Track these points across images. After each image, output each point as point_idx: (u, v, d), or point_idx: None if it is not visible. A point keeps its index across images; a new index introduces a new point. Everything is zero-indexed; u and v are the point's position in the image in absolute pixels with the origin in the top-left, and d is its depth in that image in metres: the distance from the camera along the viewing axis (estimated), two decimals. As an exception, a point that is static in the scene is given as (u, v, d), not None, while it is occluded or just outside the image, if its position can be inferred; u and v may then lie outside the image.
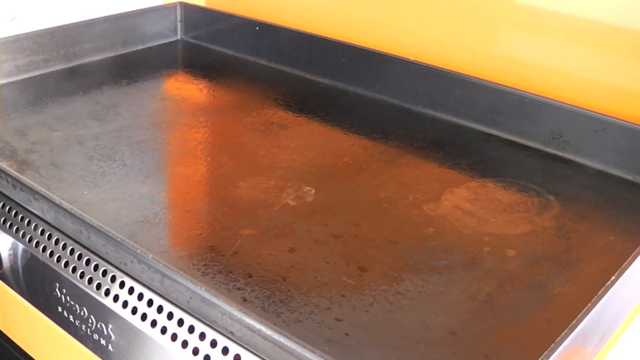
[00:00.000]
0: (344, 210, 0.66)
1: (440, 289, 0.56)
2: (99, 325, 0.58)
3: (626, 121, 0.73)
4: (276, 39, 1.00)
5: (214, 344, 0.50)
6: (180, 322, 0.52)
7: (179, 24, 1.10)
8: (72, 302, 0.60)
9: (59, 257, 0.61)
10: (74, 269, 0.59)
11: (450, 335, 0.51)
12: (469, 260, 0.60)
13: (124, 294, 0.56)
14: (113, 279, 0.57)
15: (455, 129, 0.83)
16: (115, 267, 0.57)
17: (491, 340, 0.51)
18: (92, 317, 0.58)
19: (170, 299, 0.53)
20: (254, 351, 0.48)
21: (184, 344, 0.52)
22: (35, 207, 0.63)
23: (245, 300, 0.52)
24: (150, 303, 0.54)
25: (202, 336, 0.51)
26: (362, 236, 0.62)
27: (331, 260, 0.58)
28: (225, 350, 0.50)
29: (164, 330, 0.53)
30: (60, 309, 0.61)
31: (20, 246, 0.64)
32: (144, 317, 0.54)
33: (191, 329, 0.52)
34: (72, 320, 0.60)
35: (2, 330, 0.72)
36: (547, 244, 0.63)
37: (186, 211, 0.67)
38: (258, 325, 0.47)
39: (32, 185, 0.62)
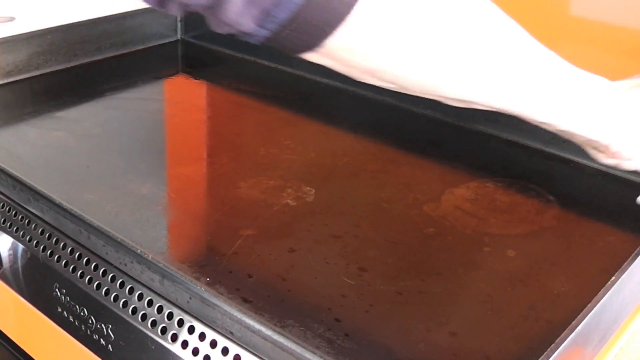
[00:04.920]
0: (344, 211, 0.66)
1: (440, 289, 0.56)
2: (99, 325, 0.58)
3: (626, 121, 0.73)
4: (276, 39, 1.00)
5: (213, 344, 0.50)
6: (180, 323, 0.52)
7: (179, 24, 1.10)
8: (72, 302, 0.60)
9: (59, 257, 0.61)
10: (74, 269, 0.59)
11: (450, 335, 0.51)
12: (469, 260, 0.60)
13: (124, 294, 0.56)
14: (113, 279, 0.57)
15: (455, 129, 0.83)
16: (115, 267, 0.57)
17: (491, 340, 0.51)
18: (92, 317, 0.58)
19: (170, 299, 0.53)
20: (253, 351, 0.48)
21: (184, 344, 0.52)
22: (35, 207, 0.63)
23: (245, 300, 0.52)
24: (150, 303, 0.54)
25: (202, 336, 0.51)
26: (362, 236, 0.62)
27: (331, 260, 0.58)
28: (225, 351, 0.50)
29: (164, 331, 0.53)
30: (60, 309, 0.61)
31: (20, 246, 0.64)
32: (144, 317, 0.54)
33: (191, 329, 0.52)
34: (72, 320, 0.60)
35: (2, 330, 0.72)
36: (547, 244, 0.63)
37: (186, 211, 0.67)
38: (258, 326, 0.47)
39: (32, 185, 0.62)
